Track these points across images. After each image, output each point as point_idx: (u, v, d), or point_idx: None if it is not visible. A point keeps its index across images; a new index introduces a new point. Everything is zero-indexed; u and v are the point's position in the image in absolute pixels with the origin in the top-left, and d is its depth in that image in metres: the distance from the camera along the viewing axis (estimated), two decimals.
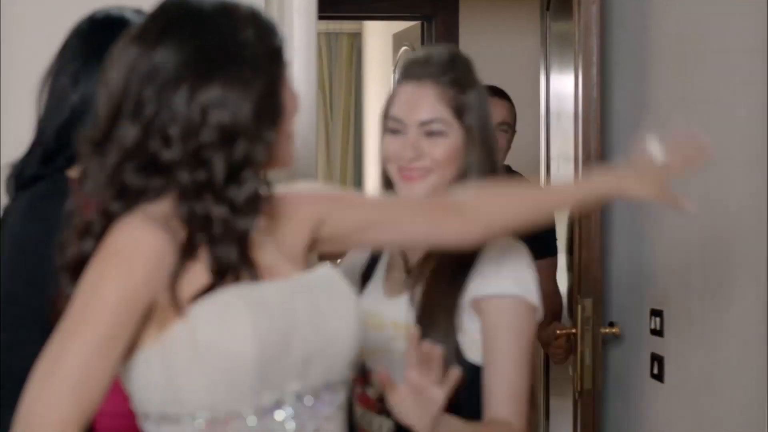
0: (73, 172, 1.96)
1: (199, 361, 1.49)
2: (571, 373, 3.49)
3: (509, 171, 3.80)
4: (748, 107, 2.84)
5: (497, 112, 3.52)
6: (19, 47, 2.70)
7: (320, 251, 1.88)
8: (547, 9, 3.93)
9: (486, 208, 1.87)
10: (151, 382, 1.52)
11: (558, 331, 3.46)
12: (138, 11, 2.02)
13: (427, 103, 2.12)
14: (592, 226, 3.36)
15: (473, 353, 2.05)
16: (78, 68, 1.99)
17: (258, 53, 1.56)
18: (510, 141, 3.72)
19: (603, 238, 3.44)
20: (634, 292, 3.45)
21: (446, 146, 2.12)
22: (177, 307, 1.50)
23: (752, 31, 2.79)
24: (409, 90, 2.15)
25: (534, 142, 4.11)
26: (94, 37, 2.01)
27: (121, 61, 1.56)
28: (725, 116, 2.97)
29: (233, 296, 1.51)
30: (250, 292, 1.53)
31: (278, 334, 1.53)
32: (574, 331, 3.38)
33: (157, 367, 1.51)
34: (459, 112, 2.13)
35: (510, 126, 3.72)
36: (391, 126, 2.15)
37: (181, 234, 1.52)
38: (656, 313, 3.25)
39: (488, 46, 5.66)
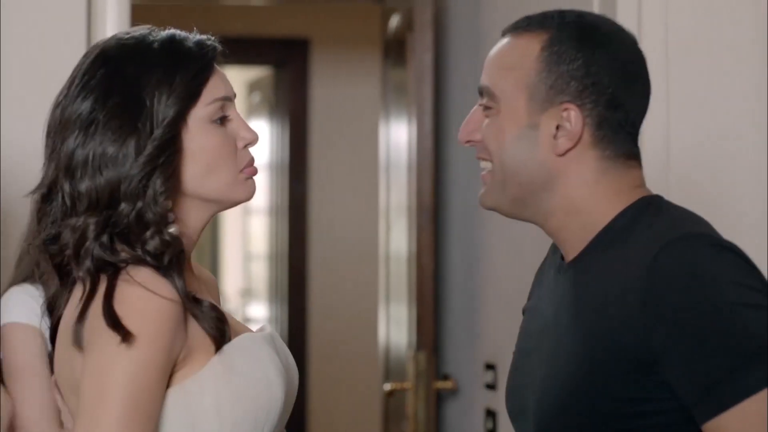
0: None
1: (232, 406, 1.46)
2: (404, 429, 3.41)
3: None
4: None
5: None
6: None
7: None
8: (387, 57, 3.87)
9: None
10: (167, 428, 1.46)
11: (391, 386, 3.38)
12: None
13: None
14: (425, 278, 3.29)
15: None
16: None
17: (161, 102, 1.50)
18: None
19: (439, 290, 3.37)
20: (469, 346, 3.39)
21: None
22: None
23: None
24: None
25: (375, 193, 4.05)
26: None
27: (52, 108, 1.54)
28: None
29: (257, 341, 1.51)
30: (262, 339, 1.53)
31: (284, 379, 1.53)
32: (408, 386, 3.30)
33: (177, 414, 1.45)
34: None
35: None
36: None
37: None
38: (490, 366, 3.19)
39: (337, 93, 5.61)
